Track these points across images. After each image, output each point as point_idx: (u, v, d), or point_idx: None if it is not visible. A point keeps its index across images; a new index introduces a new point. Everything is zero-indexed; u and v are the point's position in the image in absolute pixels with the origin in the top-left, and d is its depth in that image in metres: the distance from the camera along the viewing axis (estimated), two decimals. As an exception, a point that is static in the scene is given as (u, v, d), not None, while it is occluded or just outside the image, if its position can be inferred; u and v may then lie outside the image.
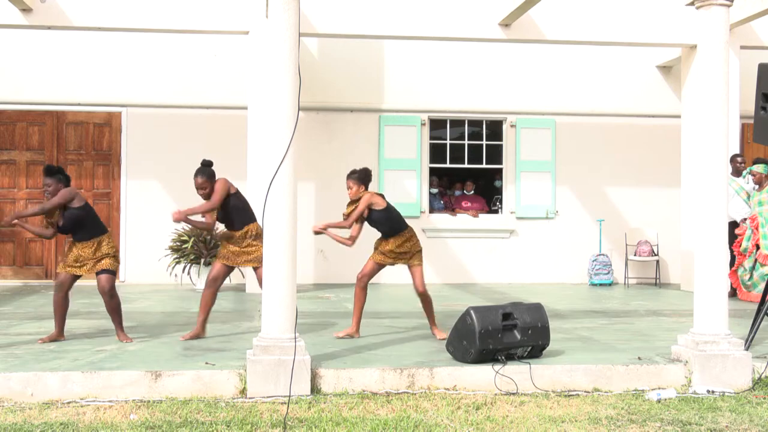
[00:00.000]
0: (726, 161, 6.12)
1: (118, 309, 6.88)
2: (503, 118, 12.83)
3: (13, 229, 12.08)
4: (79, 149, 12.18)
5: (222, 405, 5.30)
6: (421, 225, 12.37)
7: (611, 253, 12.67)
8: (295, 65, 5.64)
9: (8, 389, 5.42)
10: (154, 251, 11.79)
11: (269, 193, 5.58)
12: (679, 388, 5.88)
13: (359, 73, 12.49)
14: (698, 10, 6.16)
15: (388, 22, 10.64)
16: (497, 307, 6.22)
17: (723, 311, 6.07)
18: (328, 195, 12.33)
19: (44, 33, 11.55)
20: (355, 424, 4.92)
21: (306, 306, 8.81)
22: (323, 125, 12.38)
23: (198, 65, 12.23)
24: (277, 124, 5.62)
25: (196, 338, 6.93)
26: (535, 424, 5.02)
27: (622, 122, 12.91)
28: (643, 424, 5.04)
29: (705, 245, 6.09)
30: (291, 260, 5.66)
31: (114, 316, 6.89)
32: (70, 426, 4.84)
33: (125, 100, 12.15)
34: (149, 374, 5.55)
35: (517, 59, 12.72)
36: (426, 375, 5.78)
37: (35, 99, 12.05)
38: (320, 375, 5.69)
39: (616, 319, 8.65)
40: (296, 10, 5.66)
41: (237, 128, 11.48)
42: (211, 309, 7.15)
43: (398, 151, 12.53)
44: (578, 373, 5.93)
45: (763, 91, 6.52)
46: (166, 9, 10.38)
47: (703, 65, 6.12)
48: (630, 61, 12.89)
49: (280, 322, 5.62)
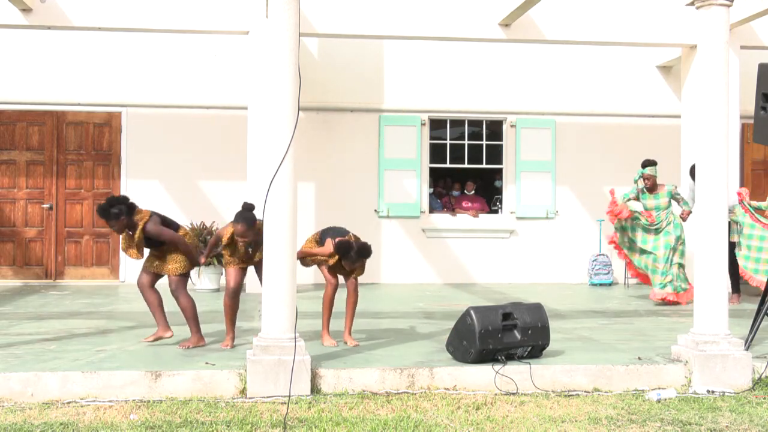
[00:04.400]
0: (726, 161, 6.11)
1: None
2: (503, 118, 12.83)
3: (13, 229, 12.10)
4: (79, 149, 12.18)
5: (222, 405, 5.30)
6: (421, 225, 12.37)
7: (611, 253, 12.65)
8: (295, 65, 5.64)
9: (8, 389, 5.42)
10: (154, 251, 11.78)
11: (269, 193, 5.58)
12: (679, 388, 5.88)
13: (359, 73, 12.49)
14: (698, 10, 6.16)
15: (388, 22, 10.64)
16: (497, 307, 6.23)
17: (723, 311, 6.07)
18: (328, 195, 12.34)
19: (44, 33, 11.55)
20: (355, 424, 4.92)
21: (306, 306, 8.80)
22: (323, 125, 12.38)
23: (198, 65, 12.23)
24: (277, 124, 5.62)
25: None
26: (535, 424, 5.02)
27: (622, 122, 12.91)
28: (643, 424, 5.04)
29: (705, 245, 6.09)
30: (291, 260, 5.66)
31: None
32: (70, 426, 4.84)
33: (125, 100, 12.15)
34: (149, 374, 5.54)
35: (517, 59, 12.72)
36: (426, 375, 5.78)
37: (35, 99, 12.05)
38: (320, 375, 5.69)
39: (616, 319, 8.65)
40: (296, 10, 5.66)
41: (237, 128, 11.49)
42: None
43: (398, 151, 12.53)
44: (578, 373, 5.93)
45: (763, 91, 6.51)
46: (166, 9, 10.37)
47: (703, 65, 6.12)
48: (630, 61, 12.89)
49: (280, 322, 5.62)
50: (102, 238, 12.20)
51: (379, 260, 12.33)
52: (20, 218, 12.11)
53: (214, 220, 11.49)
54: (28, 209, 12.12)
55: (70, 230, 12.17)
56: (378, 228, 12.43)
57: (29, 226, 12.13)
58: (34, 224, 12.16)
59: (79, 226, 12.18)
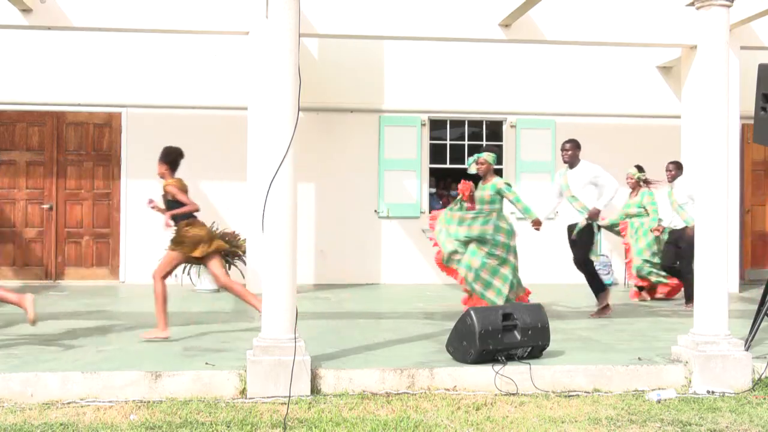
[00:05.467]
0: (726, 161, 6.11)
1: None
2: (503, 119, 12.83)
3: (13, 229, 12.10)
4: (79, 150, 12.18)
5: (222, 405, 5.30)
6: (421, 225, 12.36)
7: (611, 254, 12.66)
8: (295, 65, 5.64)
9: (8, 389, 5.41)
10: (154, 252, 11.77)
11: (269, 193, 5.58)
12: (679, 389, 5.88)
13: (359, 73, 12.49)
14: (698, 10, 6.16)
15: (388, 22, 10.64)
16: (497, 308, 6.24)
17: (723, 311, 6.07)
18: (328, 195, 12.34)
19: (44, 33, 11.56)
20: (355, 424, 4.92)
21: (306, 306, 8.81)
22: (323, 126, 12.37)
23: (198, 65, 12.23)
24: (277, 125, 5.62)
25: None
26: (535, 424, 5.02)
27: (622, 122, 12.91)
28: (643, 424, 5.04)
29: (705, 246, 6.09)
30: (291, 260, 5.66)
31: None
32: (70, 426, 4.84)
33: (125, 100, 12.15)
34: (149, 374, 5.54)
35: (517, 60, 12.72)
36: (426, 375, 5.78)
37: (35, 99, 12.05)
38: (320, 375, 5.69)
39: (616, 319, 8.65)
40: (296, 11, 5.66)
41: (237, 128, 11.48)
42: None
43: (398, 151, 12.53)
44: (578, 373, 5.93)
45: (763, 92, 6.52)
46: (166, 9, 10.38)
47: (703, 65, 6.12)
48: (630, 61, 12.89)
49: (280, 323, 5.62)
50: (102, 238, 12.21)
51: (379, 260, 12.34)
52: (20, 218, 12.11)
53: (214, 221, 11.49)
54: (28, 209, 12.12)
55: (70, 231, 12.17)
56: (378, 228, 12.44)
57: (29, 226, 12.13)
58: (34, 224, 12.15)
59: (79, 226, 12.17)
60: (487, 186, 8.59)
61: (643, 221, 10.32)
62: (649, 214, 10.26)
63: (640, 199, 10.41)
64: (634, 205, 10.48)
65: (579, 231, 8.67)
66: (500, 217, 8.60)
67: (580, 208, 8.71)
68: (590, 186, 8.73)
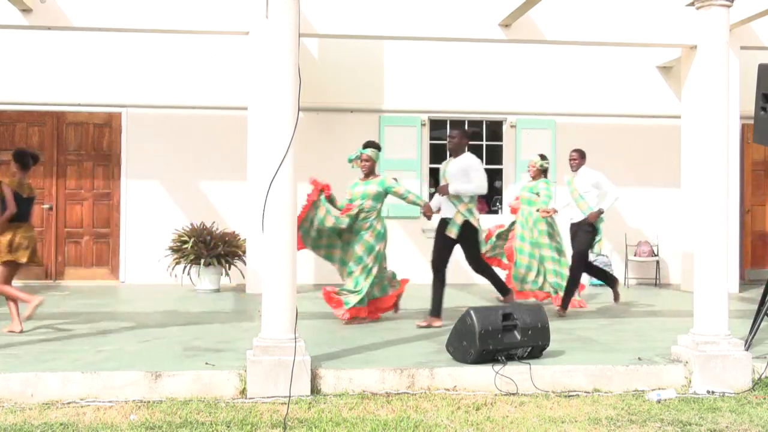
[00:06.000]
0: (726, 161, 6.11)
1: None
2: (503, 119, 12.83)
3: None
4: (79, 149, 12.18)
5: (222, 405, 5.30)
6: (421, 225, 12.36)
7: (611, 254, 12.66)
8: (295, 65, 5.64)
9: (8, 389, 5.41)
10: (154, 252, 11.80)
11: (269, 193, 5.58)
12: (679, 389, 5.88)
13: (359, 73, 12.49)
14: (698, 10, 6.16)
15: (388, 22, 10.64)
16: (497, 308, 6.23)
17: (723, 312, 6.07)
18: (328, 195, 12.32)
19: (44, 33, 11.56)
20: (355, 424, 4.92)
21: (306, 306, 8.80)
22: (323, 126, 12.37)
23: (198, 65, 12.23)
24: (277, 125, 5.62)
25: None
26: (535, 424, 5.02)
27: (622, 122, 12.91)
28: (643, 424, 5.04)
29: (705, 246, 6.09)
30: (291, 260, 5.66)
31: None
32: (70, 426, 4.84)
33: (125, 100, 12.15)
34: (149, 374, 5.54)
35: (517, 60, 12.72)
36: (426, 375, 5.78)
37: (35, 99, 12.05)
38: (320, 375, 5.69)
39: (616, 319, 8.65)
40: (296, 11, 5.66)
41: (237, 128, 11.49)
42: None
43: (398, 151, 12.53)
44: (578, 373, 5.93)
45: (763, 92, 6.52)
46: (166, 9, 10.38)
47: (703, 65, 6.12)
48: (630, 61, 12.89)
49: (280, 323, 5.62)
50: (102, 238, 12.21)
51: (379, 260, 12.31)
52: (20, 218, 12.08)
53: (214, 221, 11.50)
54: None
55: (70, 230, 12.17)
56: (378, 228, 12.40)
57: (29, 226, 12.11)
58: (34, 224, 12.09)
59: (79, 226, 12.17)
60: (372, 181, 8.39)
61: (532, 211, 9.65)
62: (540, 198, 9.62)
63: (535, 184, 9.74)
64: (527, 189, 9.80)
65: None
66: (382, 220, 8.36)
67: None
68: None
